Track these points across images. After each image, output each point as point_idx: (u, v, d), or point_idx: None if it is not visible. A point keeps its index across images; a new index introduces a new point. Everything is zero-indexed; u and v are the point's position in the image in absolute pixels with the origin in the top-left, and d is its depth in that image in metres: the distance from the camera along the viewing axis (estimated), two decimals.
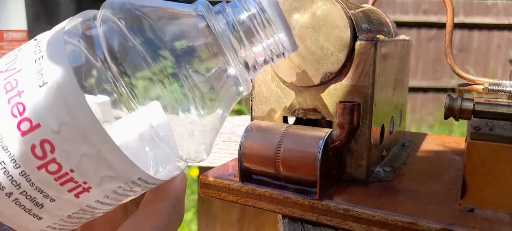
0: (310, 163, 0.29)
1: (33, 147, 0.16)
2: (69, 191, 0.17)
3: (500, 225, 0.26)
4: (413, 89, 2.38)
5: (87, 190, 0.17)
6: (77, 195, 0.17)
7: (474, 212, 0.28)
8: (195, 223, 0.80)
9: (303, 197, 0.30)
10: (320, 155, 0.29)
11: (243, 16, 0.21)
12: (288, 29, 0.22)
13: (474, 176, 0.28)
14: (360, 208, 0.28)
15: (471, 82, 0.40)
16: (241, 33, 0.20)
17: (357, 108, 0.29)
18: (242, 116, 0.71)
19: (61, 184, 0.17)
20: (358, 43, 0.31)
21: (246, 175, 0.33)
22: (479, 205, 0.28)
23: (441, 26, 2.39)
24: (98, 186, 0.17)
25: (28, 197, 0.16)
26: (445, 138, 0.46)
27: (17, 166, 0.16)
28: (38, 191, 0.17)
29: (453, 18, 0.40)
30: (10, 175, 0.16)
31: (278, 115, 0.35)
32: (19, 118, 0.16)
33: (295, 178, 0.31)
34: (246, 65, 0.21)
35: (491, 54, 2.47)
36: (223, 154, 0.56)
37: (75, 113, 0.16)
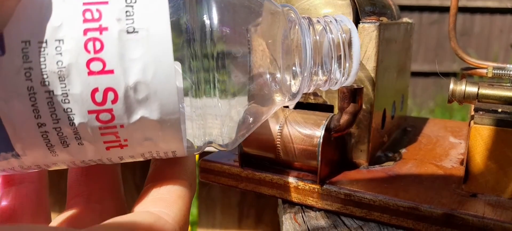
0: (311, 148, 0.29)
1: (94, 91, 0.15)
2: (105, 142, 0.16)
3: (502, 210, 0.26)
4: (414, 74, 2.37)
5: (121, 146, 0.16)
6: (109, 148, 0.16)
7: (476, 197, 0.28)
8: (196, 206, 0.80)
9: (303, 182, 0.30)
10: (321, 140, 0.28)
11: (329, 37, 0.21)
12: (358, 64, 0.22)
13: (477, 161, 0.28)
14: (361, 193, 0.28)
15: (474, 66, 0.39)
16: (321, 53, 0.21)
17: (359, 92, 0.28)
18: None
19: (102, 135, 0.16)
20: (361, 25, 0.30)
21: (245, 159, 0.32)
22: (482, 190, 0.28)
23: (443, 10, 2.36)
24: (134, 147, 0.17)
25: (60, 134, 0.15)
26: (447, 122, 0.46)
27: (67, 101, 0.15)
28: (74, 132, 0.15)
29: (458, 1, 0.39)
30: (54, 107, 0.15)
31: None
32: (92, 55, 0.15)
33: (296, 164, 0.30)
34: (307, 81, 0.21)
35: (493, 39, 2.45)
36: None
37: (160, 78, 0.15)
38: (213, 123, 0.18)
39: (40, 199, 0.21)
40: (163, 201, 0.18)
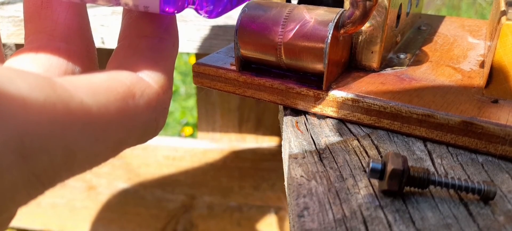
0: (316, 49, 0.25)
1: None
2: None
3: None
4: None
5: None
6: None
7: (498, 103, 0.25)
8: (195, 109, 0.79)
9: (307, 88, 0.27)
10: (329, 40, 0.25)
11: None
12: None
13: (504, 63, 0.24)
14: (370, 99, 0.26)
15: None
16: None
17: None
18: None
19: None
20: None
21: (243, 63, 0.29)
22: (505, 95, 0.25)
23: None
24: None
25: None
26: (464, 20, 0.42)
27: None
28: None
29: None
30: None
31: None
32: None
33: (299, 66, 0.27)
34: None
35: None
36: (220, 40, 0.52)
37: None
38: None
39: None
40: (144, 61, 0.16)
